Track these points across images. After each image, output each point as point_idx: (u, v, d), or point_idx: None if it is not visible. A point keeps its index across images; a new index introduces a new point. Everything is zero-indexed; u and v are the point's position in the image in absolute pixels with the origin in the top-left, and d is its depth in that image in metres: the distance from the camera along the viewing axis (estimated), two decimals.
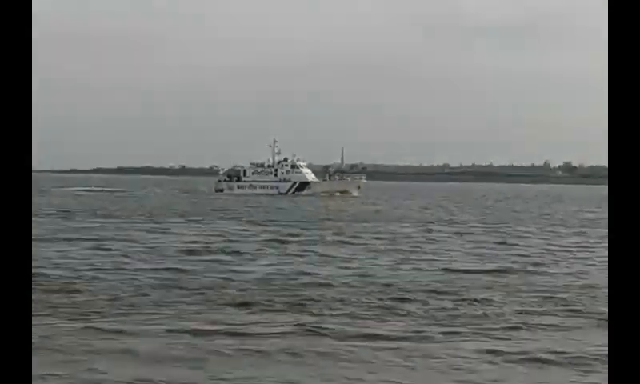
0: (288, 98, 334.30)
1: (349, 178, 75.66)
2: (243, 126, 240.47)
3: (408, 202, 65.06)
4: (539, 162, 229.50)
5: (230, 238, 24.69)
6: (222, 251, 20.51)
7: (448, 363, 8.63)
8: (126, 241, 22.77)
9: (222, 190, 69.73)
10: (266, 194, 65.56)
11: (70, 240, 22.60)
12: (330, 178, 74.07)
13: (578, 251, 22.53)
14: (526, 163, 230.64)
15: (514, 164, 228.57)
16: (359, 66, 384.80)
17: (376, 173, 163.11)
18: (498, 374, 8.29)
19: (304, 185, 69.51)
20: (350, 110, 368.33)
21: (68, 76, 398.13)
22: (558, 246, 24.23)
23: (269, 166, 71.22)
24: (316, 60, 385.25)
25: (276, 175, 70.08)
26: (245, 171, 71.36)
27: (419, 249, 22.77)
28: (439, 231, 30.12)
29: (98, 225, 29.20)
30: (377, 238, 25.88)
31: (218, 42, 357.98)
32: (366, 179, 79.21)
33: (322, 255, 19.99)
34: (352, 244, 23.53)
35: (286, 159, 70.44)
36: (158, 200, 58.18)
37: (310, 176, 71.51)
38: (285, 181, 69.44)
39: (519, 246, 24.13)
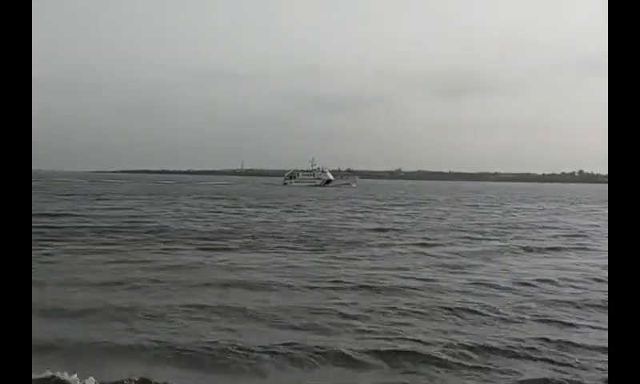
0: None
1: (350, 177, 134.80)
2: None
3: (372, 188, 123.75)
4: None
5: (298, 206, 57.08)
6: (291, 210, 50.08)
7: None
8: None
9: (286, 184, 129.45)
10: (309, 186, 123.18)
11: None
12: (340, 177, 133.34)
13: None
14: None
15: None
16: None
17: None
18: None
19: (329, 181, 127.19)
20: None
21: None
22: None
23: (310, 171, 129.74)
24: None
25: (314, 176, 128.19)
26: (298, 173, 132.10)
27: (363, 208, 57.72)
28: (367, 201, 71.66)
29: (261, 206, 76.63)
30: (347, 204, 62.50)
31: None
32: (359, 178, 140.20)
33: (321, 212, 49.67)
34: (333, 209, 53.03)
35: (318, 168, 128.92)
36: (262, 188, 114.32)
37: (331, 176, 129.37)
38: (319, 179, 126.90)
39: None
